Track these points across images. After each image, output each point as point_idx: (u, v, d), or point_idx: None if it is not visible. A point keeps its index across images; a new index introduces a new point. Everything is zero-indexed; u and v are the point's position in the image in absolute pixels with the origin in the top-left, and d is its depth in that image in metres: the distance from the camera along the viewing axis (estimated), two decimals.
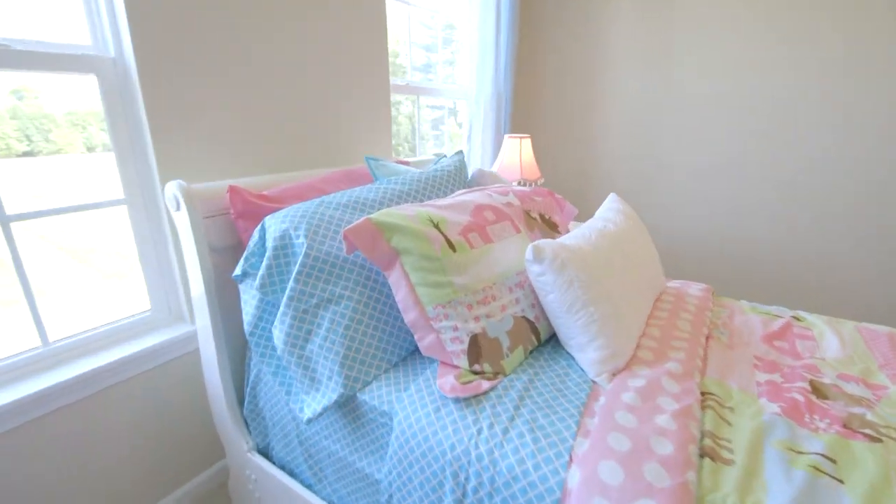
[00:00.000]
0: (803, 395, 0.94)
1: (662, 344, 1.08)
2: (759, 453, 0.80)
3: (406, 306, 1.02)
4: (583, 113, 2.58)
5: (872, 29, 1.87)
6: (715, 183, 2.32)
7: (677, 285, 1.44)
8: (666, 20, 2.23)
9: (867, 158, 1.98)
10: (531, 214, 1.27)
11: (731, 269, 2.38)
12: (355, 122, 1.72)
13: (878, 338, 1.17)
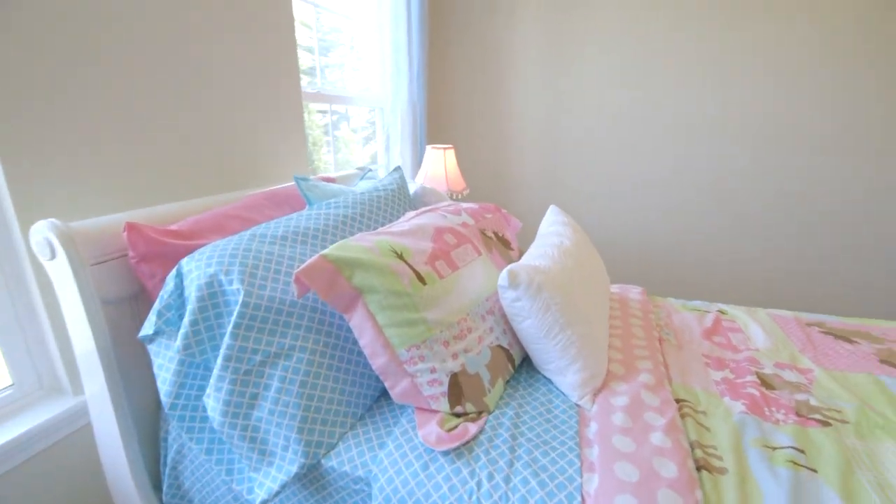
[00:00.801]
0: (757, 390, 1.02)
1: (627, 355, 1.10)
2: (742, 456, 0.83)
3: (373, 351, 0.89)
4: (497, 122, 2.62)
5: (785, 36, 2.15)
6: (628, 187, 2.51)
7: (617, 290, 1.51)
8: (570, 30, 2.36)
9: (779, 166, 2.29)
10: (486, 233, 1.21)
11: (647, 268, 2.60)
12: (266, 135, 1.51)
13: (788, 323, 1.34)
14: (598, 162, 2.52)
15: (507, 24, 2.45)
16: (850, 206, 2.23)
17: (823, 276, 2.35)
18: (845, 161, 2.18)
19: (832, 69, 2.09)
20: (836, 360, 1.15)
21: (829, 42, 2.07)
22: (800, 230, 2.32)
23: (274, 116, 1.52)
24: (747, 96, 2.22)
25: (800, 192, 2.27)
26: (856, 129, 2.13)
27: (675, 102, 2.32)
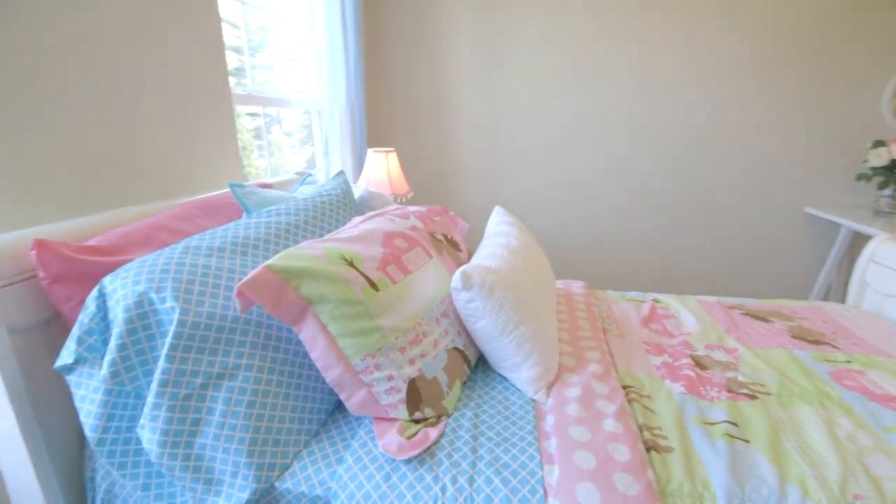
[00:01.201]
0: (692, 371, 1.10)
1: (576, 347, 1.15)
2: (685, 434, 0.89)
3: (327, 363, 0.86)
4: (438, 124, 2.63)
5: (706, 47, 2.32)
6: (566, 187, 2.61)
7: (562, 286, 1.56)
8: (504, 32, 2.42)
9: (700, 167, 2.48)
10: (436, 236, 1.21)
11: (586, 263, 2.72)
12: (195, 140, 1.41)
13: (714, 308, 1.46)
14: (538, 163, 2.61)
15: (443, 26, 2.47)
16: (758, 203, 2.48)
17: (739, 263, 2.59)
18: (756, 163, 2.42)
19: (756, 80, 2.31)
20: (756, 338, 1.27)
21: (743, 58, 2.28)
22: (718, 224, 2.54)
23: (203, 120, 1.43)
24: (679, 101, 2.40)
25: (710, 191, 2.49)
26: (760, 132, 2.38)
27: (608, 106, 2.46)
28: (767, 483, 0.78)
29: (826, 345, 1.23)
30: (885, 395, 1.00)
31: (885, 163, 2.16)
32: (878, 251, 1.52)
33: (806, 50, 2.25)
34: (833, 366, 1.12)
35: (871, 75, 2.24)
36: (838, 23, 2.19)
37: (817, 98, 2.31)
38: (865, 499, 0.75)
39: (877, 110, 2.28)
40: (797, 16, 2.21)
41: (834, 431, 0.89)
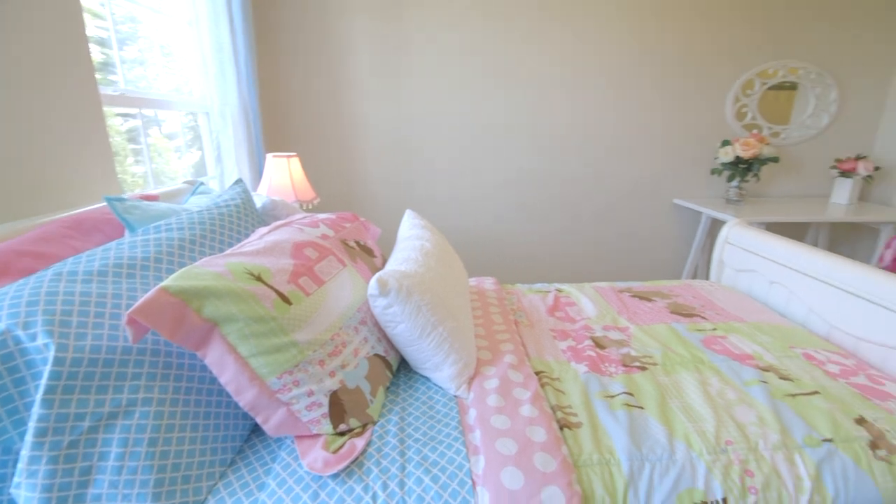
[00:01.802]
0: (594, 351, 1.21)
1: (491, 340, 1.21)
2: (591, 409, 0.99)
3: (239, 387, 0.81)
4: (342, 127, 2.57)
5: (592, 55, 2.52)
6: (474, 188, 2.70)
7: (475, 283, 1.63)
8: (404, 34, 2.44)
9: (584, 166, 2.69)
10: (348, 243, 1.19)
11: (495, 260, 2.84)
12: (58, 148, 1.22)
13: (607, 292, 1.62)
14: (446, 165, 2.67)
15: (342, 28, 2.42)
16: (636, 198, 2.80)
17: (623, 251, 2.90)
18: (647, 161, 2.73)
19: (633, 89, 2.59)
20: (643, 316, 1.43)
21: (623, 68, 2.55)
22: (604, 218, 2.82)
23: (63, 121, 1.24)
24: (570, 107, 2.60)
25: (597, 188, 2.76)
26: (636, 135, 2.69)
27: (509, 109, 2.59)
28: (660, 442, 0.89)
29: (697, 316, 1.43)
30: (743, 355, 1.20)
31: (731, 159, 2.56)
32: (730, 234, 1.81)
33: (672, 63, 2.58)
34: (703, 334, 1.32)
35: (719, 85, 2.65)
36: (695, 41, 2.55)
37: (681, 104, 2.67)
38: (734, 442, 0.89)
39: (724, 114, 2.70)
40: (664, 33, 2.53)
41: (707, 390, 1.05)
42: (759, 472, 0.84)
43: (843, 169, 2.65)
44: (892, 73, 2.70)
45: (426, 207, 2.74)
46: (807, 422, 0.94)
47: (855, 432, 0.92)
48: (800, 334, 1.32)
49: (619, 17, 2.49)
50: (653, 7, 2.48)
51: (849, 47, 2.64)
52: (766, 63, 2.63)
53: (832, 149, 2.81)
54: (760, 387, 1.05)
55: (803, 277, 1.46)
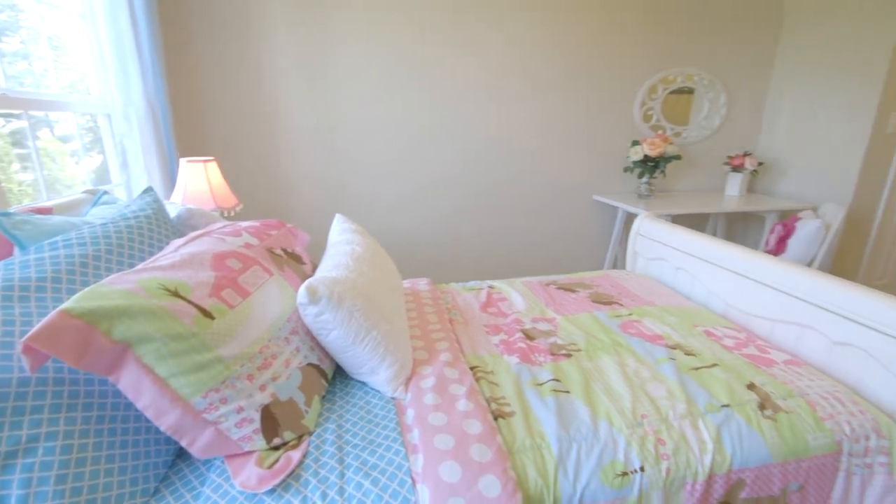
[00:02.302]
0: (524, 343, 1.27)
1: (427, 340, 1.23)
2: (523, 398, 1.04)
3: (159, 410, 0.76)
4: (267, 130, 2.46)
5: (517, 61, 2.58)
6: (405, 190, 2.70)
7: (409, 285, 1.64)
8: (329, 36, 2.38)
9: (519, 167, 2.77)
10: (275, 252, 1.15)
11: (429, 260, 2.86)
12: None
13: (535, 286, 1.70)
14: (377, 168, 2.65)
15: (263, 28, 2.31)
16: (560, 196, 2.96)
17: (549, 246, 3.05)
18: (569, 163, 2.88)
19: (556, 92, 2.72)
20: (568, 307, 1.53)
21: (547, 74, 2.67)
22: (532, 216, 2.95)
23: None
24: (498, 110, 2.68)
25: (524, 188, 2.89)
26: (558, 137, 2.84)
27: (438, 111, 2.62)
28: (585, 423, 0.96)
29: (615, 304, 1.55)
30: (655, 336, 1.32)
31: (641, 158, 2.79)
32: (641, 227, 1.97)
33: (586, 69, 2.76)
34: (620, 319, 1.43)
35: (628, 89, 2.87)
36: (606, 50, 2.74)
37: (596, 108, 2.86)
38: (648, 416, 0.98)
39: (633, 117, 2.93)
40: (578, 42, 2.69)
41: (625, 371, 1.14)
42: (669, 439, 0.94)
43: (733, 165, 2.98)
44: (768, 82, 3.08)
45: (358, 211, 2.71)
46: (708, 391, 1.06)
47: (746, 396, 1.05)
48: (701, 314, 1.48)
49: (539, 25, 2.61)
50: (567, 18, 2.64)
51: (734, 59, 2.97)
52: (667, 70, 2.90)
53: (724, 147, 3.15)
54: (670, 363, 1.17)
55: (703, 263, 1.63)
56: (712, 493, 0.92)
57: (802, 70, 2.88)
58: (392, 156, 2.66)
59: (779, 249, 2.46)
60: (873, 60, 2.49)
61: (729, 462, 0.92)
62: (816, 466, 0.97)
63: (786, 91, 3.00)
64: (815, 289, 1.25)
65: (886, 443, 0.99)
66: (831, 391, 1.08)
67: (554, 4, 2.60)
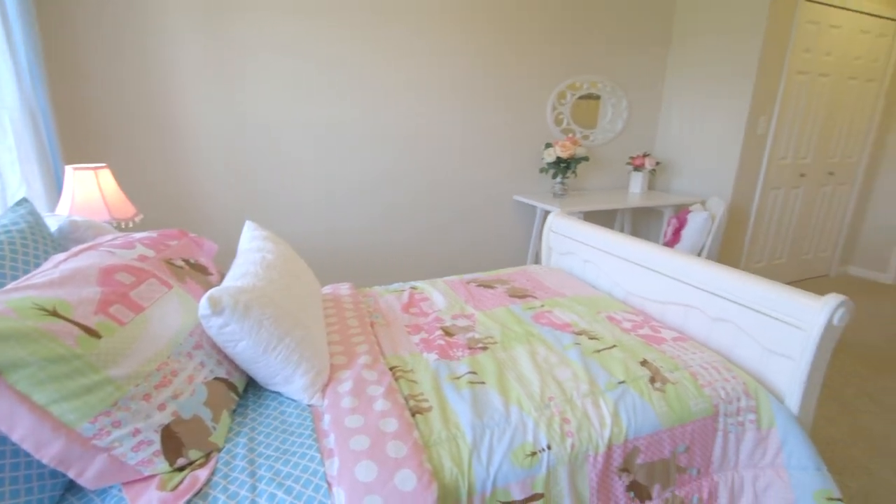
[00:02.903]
0: (443, 340, 1.31)
1: (346, 345, 1.22)
2: (441, 393, 1.07)
3: (39, 441, 0.69)
4: (169, 134, 2.29)
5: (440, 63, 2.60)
6: (323, 194, 2.64)
7: (330, 290, 1.62)
8: (238, 36, 2.28)
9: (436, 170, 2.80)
10: (174, 263, 1.09)
11: (353, 264, 2.82)
12: None
13: (456, 285, 1.75)
14: (293, 172, 2.57)
15: (160, 28, 2.16)
16: (483, 196, 3.06)
17: (474, 245, 3.15)
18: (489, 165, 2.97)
19: (479, 98, 2.79)
20: (486, 302, 1.59)
21: (467, 80, 2.74)
22: (457, 216, 3.02)
23: None
24: (422, 112, 2.70)
25: (449, 190, 2.96)
26: (481, 140, 2.93)
27: (357, 113, 2.60)
28: (498, 410, 1.01)
29: (529, 297, 1.64)
30: (564, 324, 1.42)
31: (553, 159, 2.97)
32: (553, 224, 2.10)
33: (503, 74, 2.88)
34: (534, 311, 1.52)
35: (540, 94, 3.04)
36: (520, 56, 2.88)
37: (513, 111, 2.99)
38: (555, 398, 1.06)
39: (546, 120, 3.11)
40: (495, 47, 2.80)
41: (536, 359, 1.22)
42: (573, 418, 1.02)
43: (634, 164, 3.26)
44: (661, 90, 3.41)
45: (274, 217, 2.61)
46: (608, 371, 1.16)
47: (640, 372, 1.16)
48: (605, 301, 1.61)
49: (457, 32, 2.69)
50: (481, 25, 2.74)
51: (632, 68, 3.26)
52: (574, 77, 3.11)
53: (627, 148, 3.44)
54: (575, 348, 1.26)
55: (606, 255, 1.77)
56: (612, 462, 1.01)
57: (688, 80, 3.23)
58: (312, 160, 2.60)
59: (675, 240, 2.73)
60: (743, 72, 2.85)
61: (625, 433, 1.02)
62: (699, 428, 1.10)
63: (676, 98, 3.34)
64: (695, 274, 1.41)
65: (753, 402, 1.15)
66: (710, 361, 1.23)
67: (469, 14, 2.69)
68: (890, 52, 3.22)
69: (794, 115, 3.03)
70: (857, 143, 3.40)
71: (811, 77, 2.99)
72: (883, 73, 3.26)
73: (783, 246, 3.39)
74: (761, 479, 1.14)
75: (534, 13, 2.86)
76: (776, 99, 2.91)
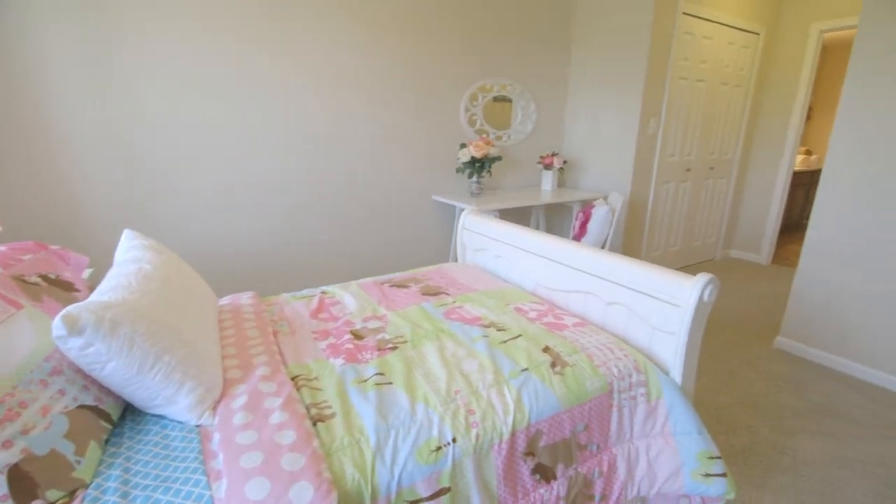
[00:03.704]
0: (352, 343, 1.28)
1: (243, 357, 1.15)
2: (346, 398, 1.04)
3: None
4: (35, 140, 2.02)
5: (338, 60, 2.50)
6: (221, 199, 2.47)
7: (228, 301, 1.51)
8: (115, 38, 2.06)
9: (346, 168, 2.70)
10: (27, 279, 0.95)
11: (261, 271, 2.67)
12: None
13: (369, 287, 1.72)
14: (185, 177, 2.38)
15: (20, 23, 1.89)
16: (403, 196, 3.04)
17: (395, 245, 3.13)
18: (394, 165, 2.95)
19: (400, 101, 2.75)
20: (399, 302, 1.58)
21: (384, 81, 2.70)
22: (377, 217, 2.98)
23: None
24: (335, 112, 2.61)
25: (368, 191, 2.91)
26: (400, 140, 2.91)
27: (254, 114, 2.46)
28: (404, 408, 1.00)
29: (442, 294, 1.66)
30: (473, 318, 1.45)
31: (468, 159, 3.03)
32: (465, 221, 2.14)
33: (418, 76, 2.88)
34: (445, 307, 1.53)
35: (454, 96, 3.09)
36: (433, 58, 2.90)
37: (429, 112, 3.01)
38: (461, 391, 1.07)
39: (460, 121, 3.17)
40: (408, 50, 2.79)
41: (444, 354, 1.23)
42: (478, 408, 1.03)
43: (544, 163, 3.43)
44: (566, 92, 3.62)
45: (170, 225, 2.40)
46: (512, 359, 1.20)
47: (542, 359, 1.21)
48: (514, 293, 1.67)
49: (365, 33, 2.65)
50: (391, 26, 2.73)
51: (539, 71, 3.42)
52: (485, 79, 3.20)
53: (538, 148, 3.61)
54: (483, 341, 1.29)
55: (515, 250, 1.84)
56: (517, 447, 1.04)
57: (588, 84, 3.46)
58: (208, 163, 2.42)
59: (582, 233, 2.91)
60: (634, 77, 3.11)
61: (528, 418, 1.06)
62: (595, 406, 1.17)
63: (579, 101, 3.56)
64: (591, 263, 1.51)
65: (643, 377, 1.25)
66: (605, 343, 1.31)
67: (381, 15, 2.67)
68: (753, 62, 3.68)
69: (678, 117, 3.35)
70: (731, 142, 3.84)
71: (690, 82, 3.33)
72: (748, 80, 3.72)
73: (676, 235, 3.74)
74: (653, 447, 1.23)
75: (445, 15, 2.91)
76: (663, 102, 3.21)
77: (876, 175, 2.09)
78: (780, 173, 3.84)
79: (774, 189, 3.90)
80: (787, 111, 3.75)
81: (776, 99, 3.81)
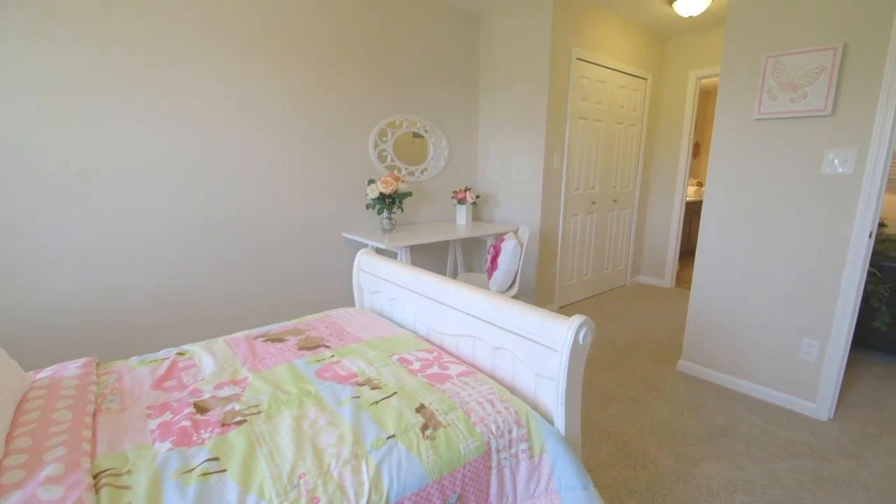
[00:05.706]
0: (190, 420, 1.08)
1: (34, 452, 0.92)
2: (158, 495, 0.85)
3: None
4: None
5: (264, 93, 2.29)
6: (83, 245, 2.15)
7: (50, 373, 1.26)
8: None
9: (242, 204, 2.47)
10: None
11: (113, 331, 2.34)
12: None
13: (239, 343, 1.53)
14: (51, 225, 2.06)
15: None
16: (310, 235, 2.86)
17: (298, 287, 2.92)
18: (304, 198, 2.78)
19: (307, 138, 2.59)
20: (267, 361, 1.40)
21: (292, 118, 2.54)
22: (277, 257, 2.77)
23: None
24: (240, 147, 2.40)
25: (270, 229, 2.71)
26: (307, 178, 2.75)
27: (125, 146, 2.21)
28: None
29: (321, 347, 1.50)
30: (349, 375, 1.31)
31: (377, 195, 2.93)
32: (360, 262, 2.02)
33: (325, 112, 2.77)
34: (320, 364, 1.38)
35: (362, 133, 3.01)
36: (340, 95, 2.81)
37: (338, 148, 2.90)
38: (307, 474, 0.92)
39: (369, 157, 3.09)
40: (315, 87, 2.68)
41: (301, 425, 1.07)
42: (324, 494, 0.88)
43: (458, 198, 3.41)
44: (477, 129, 3.68)
45: (31, 281, 2.05)
46: (379, 425, 1.07)
47: (413, 420, 1.09)
48: (403, 341, 1.55)
49: (260, 65, 2.51)
50: (293, 60, 2.61)
51: (449, 109, 3.46)
52: (393, 116, 3.16)
53: (452, 182, 3.61)
54: (351, 403, 1.15)
55: (407, 292, 1.73)
56: None
57: (497, 122, 3.54)
58: (85, 208, 2.12)
59: (493, 267, 2.88)
60: (537, 116, 3.22)
61: (385, 496, 0.92)
62: (471, 472, 1.06)
63: (490, 137, 3.63)
64: (478, 306, 1.43)
65: (525, 430, 1.16)
66: (487, 395, 1.22)
67: (271, 48, 2.55)
68: (643, 104, 3.98)
69: (580, 153, 3.51)
70: (631, 176, 4.09)
71: (589, 122, 3.51)
72: (641, 120, 4.01)
73: (588, 264, 3.85)
74: None
75: (351, 50, 2.86)
76: (564, 139, 3.34)
77: (746, 202, 2.26)
78: (675, 203, 4.13)
79: (672, 218, 4.17)
80: (676, 147, 4.07)
81: (666, 137, 4.13)
